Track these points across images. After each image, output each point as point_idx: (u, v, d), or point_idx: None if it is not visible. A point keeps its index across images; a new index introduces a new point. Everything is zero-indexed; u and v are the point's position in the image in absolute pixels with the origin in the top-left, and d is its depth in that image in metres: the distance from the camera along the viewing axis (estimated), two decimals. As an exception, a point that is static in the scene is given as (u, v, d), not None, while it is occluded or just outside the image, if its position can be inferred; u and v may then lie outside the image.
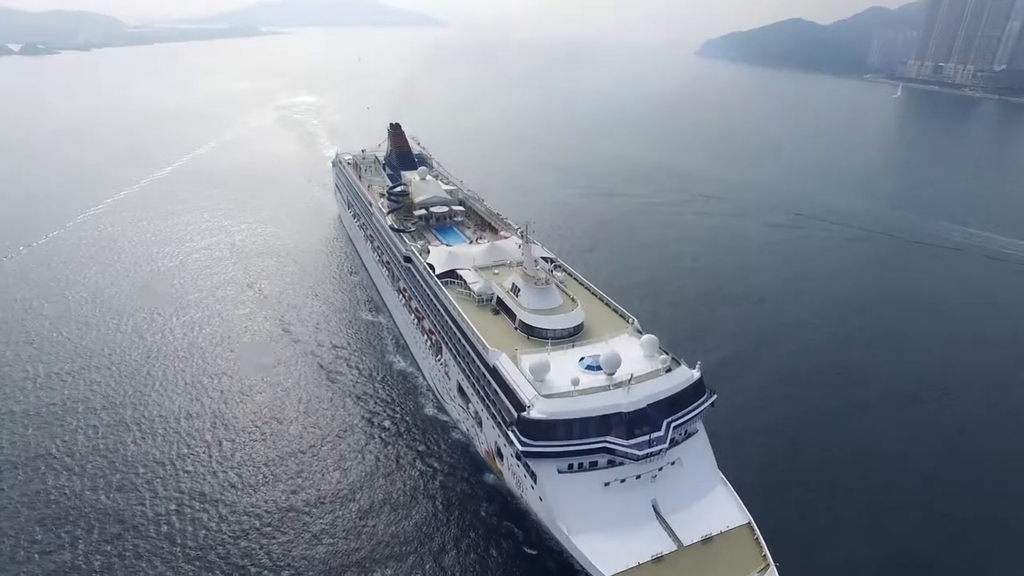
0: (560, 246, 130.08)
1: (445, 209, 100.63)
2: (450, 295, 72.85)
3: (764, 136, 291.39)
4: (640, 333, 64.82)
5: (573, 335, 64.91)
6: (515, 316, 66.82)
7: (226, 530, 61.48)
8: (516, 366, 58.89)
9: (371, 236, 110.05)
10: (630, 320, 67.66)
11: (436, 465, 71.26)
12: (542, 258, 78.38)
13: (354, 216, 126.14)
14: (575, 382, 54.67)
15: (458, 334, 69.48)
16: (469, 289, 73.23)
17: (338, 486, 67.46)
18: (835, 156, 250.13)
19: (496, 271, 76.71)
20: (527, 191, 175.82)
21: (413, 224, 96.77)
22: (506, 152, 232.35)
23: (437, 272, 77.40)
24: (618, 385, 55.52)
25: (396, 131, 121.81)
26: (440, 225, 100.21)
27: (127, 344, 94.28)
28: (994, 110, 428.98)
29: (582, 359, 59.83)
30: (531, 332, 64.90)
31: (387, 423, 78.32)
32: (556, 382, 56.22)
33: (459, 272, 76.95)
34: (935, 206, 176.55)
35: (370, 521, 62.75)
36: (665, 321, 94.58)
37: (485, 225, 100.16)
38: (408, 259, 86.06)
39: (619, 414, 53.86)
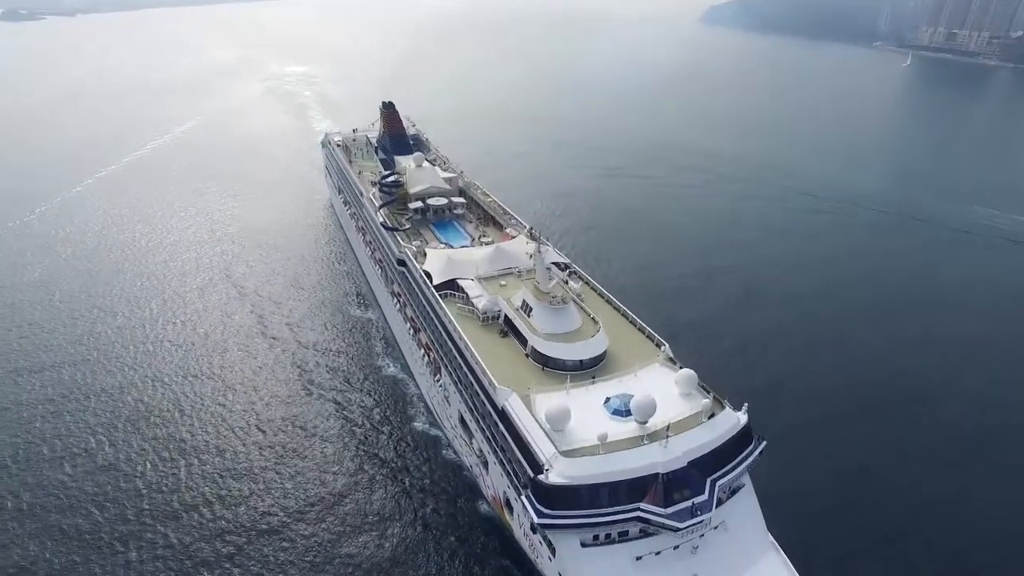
0: (564, 234, 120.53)
1: (444, 201, 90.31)
2: (450, 312, 63.09)
3: (767, 108, 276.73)
4: (673, 363, 55.40)
5: (595, 365, 55.36)
6: (526, 341, 57.16)
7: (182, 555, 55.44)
8: (529, 410, 49.51)
9: (363, 228, 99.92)
10: (661, 346, 57.96)
11: (426, 487, 64.11)
12: (555, 264, 68.81)
13: (345, 203, 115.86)
14: (603, 438, 45.21)
15: (460, 361, 60.03)
16: (472, 305, 63.43)
17: (309, 510, 60.71)
18: (841, 131, 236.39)
19: (503, 282, 66.85)
20: (529, 171, 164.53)
21: (408, 220, 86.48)
22: (506, 127, 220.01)
23: (435, 282, 67.55)
24: (653, 437, 46.26)
25: (389, 111, 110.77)
26: (438, 219, 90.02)
27: (73, 343, 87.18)
28: (1010, 79, 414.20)
29: (608, 400, 50.38)
30: (546, 363, 55.37)
31: (371, 438, 70.91)
32: (578, 434, 46.95)
33: (460, 282, 67.10)
34: (950, 185, 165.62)
35: (343, 548, 56.24)
36: (682, 327, 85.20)
37: (488, 219, 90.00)
38: (402, 263, 76.08)
39: (655, 475, 44.65)
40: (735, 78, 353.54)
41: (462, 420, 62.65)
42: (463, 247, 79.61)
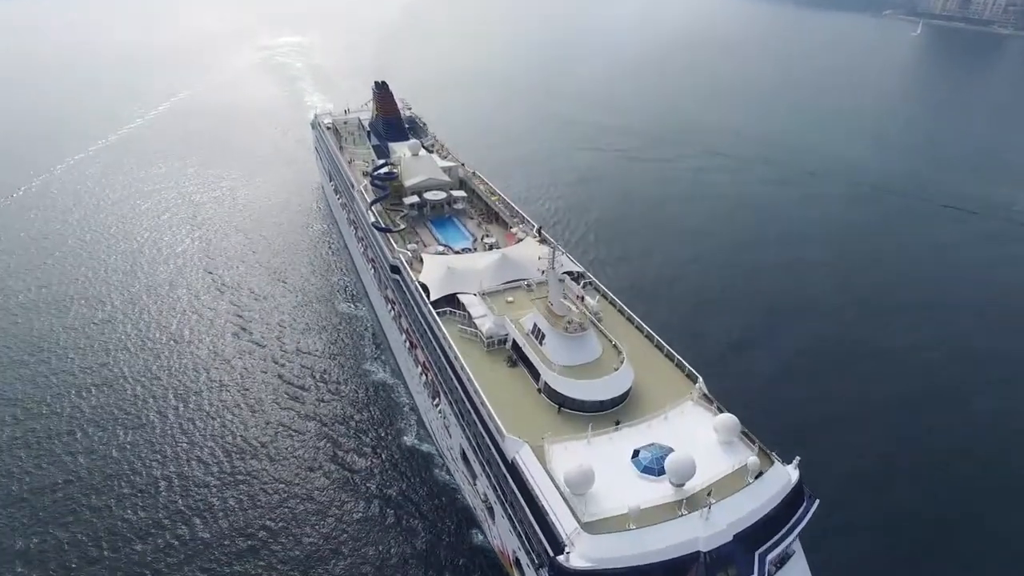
0: (569, 227, 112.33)
1: (442, 195, 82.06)
2: (450, 335, 55.39)
3: (780, 81, 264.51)
4: (709, 402, 47.93)
5: (619, 404, 47.88)
6: (538, 374, 49.58)
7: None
8: (545, 467, 42.13)
9: (354, 222, 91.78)
10: (695, 380, 50.36)
11: (418, 512, 58.78)
12: (568, 274, 61.05)
13: (335, 191, 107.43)
14: (634, 510, 37.87)
15: (462, 395, 52.56)
16: (475, 327, 55.67)
17: (286, 537, 55.62)
18: (849, 104, 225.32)
19: (510, 298, 59.02)
20: (532, 153, 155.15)
21: (402, 218, 78.26)
22: (507, 101, 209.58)
23: (433, 297, 59.72)
24: (692, 504, 39.06)
25: (383, 92, 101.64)
26: (436, 215, 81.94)
27: (18, 345, 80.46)
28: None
29: (636, 454, 42.93)
30: (563, 402, 47.84)
31: (356, 452, 65.73)
32: (603, 499, 39.77)
33: (461, 298, 59.29)
34: (965, 164, 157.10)
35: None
36: (708, 345, 77.83)
37: (491, 215, 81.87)
38: (396, 270, 68.12)
39: (696, 553, 37.46)
40: (744, 48, 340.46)
41: (464, 456, 55.58)
42: (464, 249, 71.98)
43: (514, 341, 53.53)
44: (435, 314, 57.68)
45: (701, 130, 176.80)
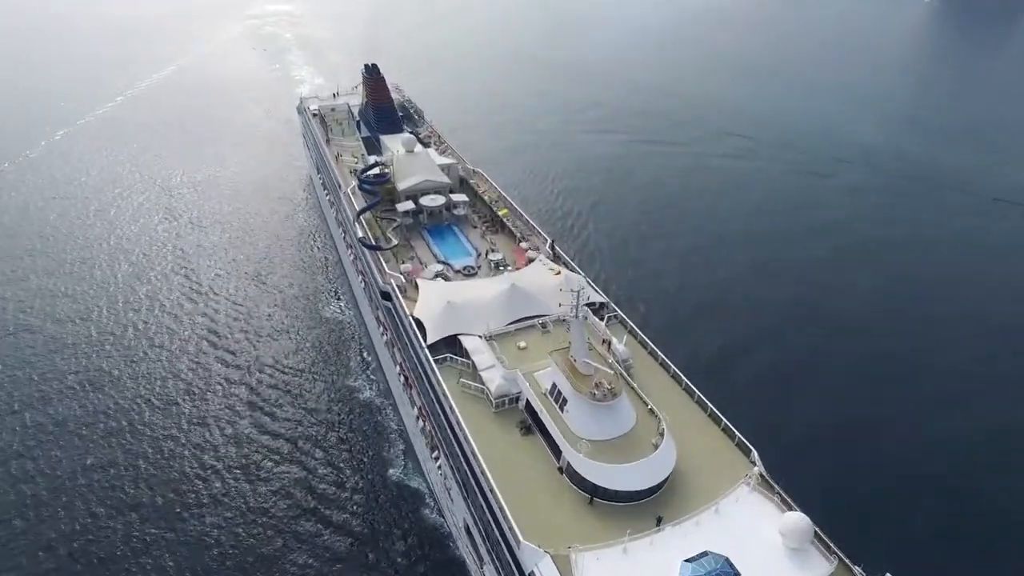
0: (579, 233, 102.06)
1: (441, 201, 71.97)
2: (451, 392, 46.09)
3: (781, 56, 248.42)
4: (770, 488, 38.74)
5: (658, 490, 38.80)
6: (559, 450, 40.41)
7: None
8: (571, 587, 33.18)
9: (342, 223, 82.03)
10: (748, 451, 41.25)
11: (404, 566, 51.56)
12: (589, 307, 51.59)
13: (323, 185, 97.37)
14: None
15: (466, 469, 43.51)
16: (481, 381, 46.27)
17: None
18: (862, 80, 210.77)
19: (522, 342, 49.62)
20: (533, 135, 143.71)
21: (395, 230, 68.25)
22: (506, 80, 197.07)
23: (430, 339, 50.20)
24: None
25: (373, 77, 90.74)
26: (434, 223, 71.97)
27: None
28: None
29: (686, 568, 33.87)
30: (593, 492, 38.68)
31: (333, 489, 58.62)
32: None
33: (463, 340, 49.76)
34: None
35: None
36: (743, 388, 67.42)
37: (496, 221, 71.93)
38: (387, 296, 58.51)
39: None
40: (754, 20, 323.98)
41: (468, 531, 46.78)
42: (466, 267, 62.50)
43: (528, 402, 44.22)
44: (432, 362, 48.25)
45: (715, 110, 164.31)
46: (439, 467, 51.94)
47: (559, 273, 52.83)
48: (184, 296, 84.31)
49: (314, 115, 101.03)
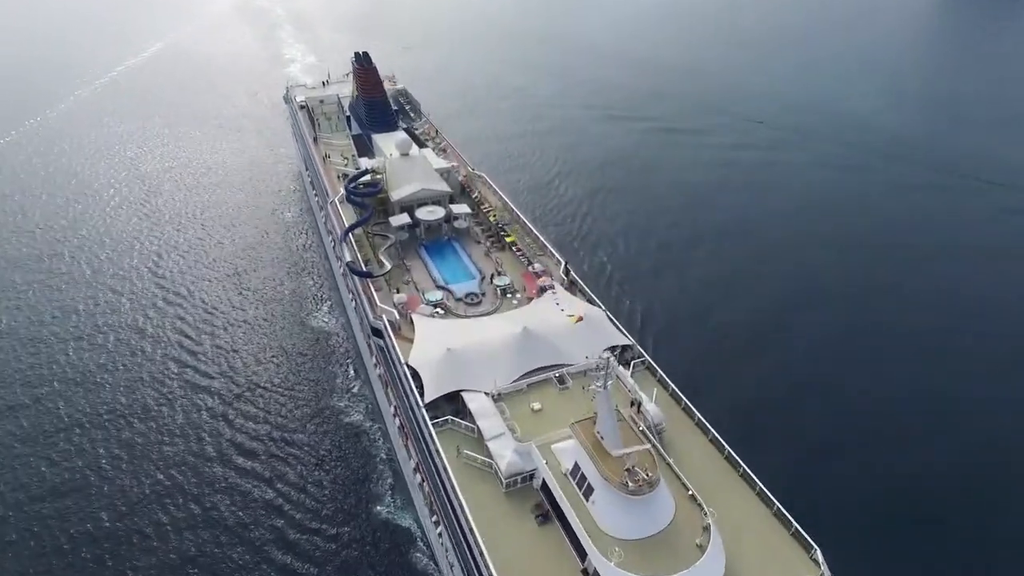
0: (582, 229, 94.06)
1: (440, 213, 64.19)
2: (452, 468, 39.00)
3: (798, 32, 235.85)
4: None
5: None
6: (583, 550, 33.47)
7: None
8: None
9: (332, 231, 74.43)
10: (810, 549, 34.41)
11: None
12: (611, 351, 44.54)
13: (311, 184, 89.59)
14: None
15: (471, 560, 36.69)
16: (487, 454, 39.14)
17: None
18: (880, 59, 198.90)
19: (536, 404, 42.38)
20: (540, 126, 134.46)
21: (387, 250, 60.43)
22: (508, 59, 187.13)
23: (428, 396, 42.94)
24: None
25: (364, 68, 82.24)
26: (432, 238, 64.32)
27: None
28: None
29: None
30: (624, 609, 31.81)
31: (316, 524, 52.24)
32: None
33: (467, 398, 42.49)
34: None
35: None
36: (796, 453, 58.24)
37: (503, 237, 64.21)
38: (378, 333, 51.17)
39: None
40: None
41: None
42: (470, 295, 55.10)
43: (544, 482, 37.17)
44: (431, 427, 41.08)
45: (741, 93, 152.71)
46: (439, 533, 45.18)
47: (580, 320, 45.29)
48: (152, 302, 77.12)
49: (301, 107, 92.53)
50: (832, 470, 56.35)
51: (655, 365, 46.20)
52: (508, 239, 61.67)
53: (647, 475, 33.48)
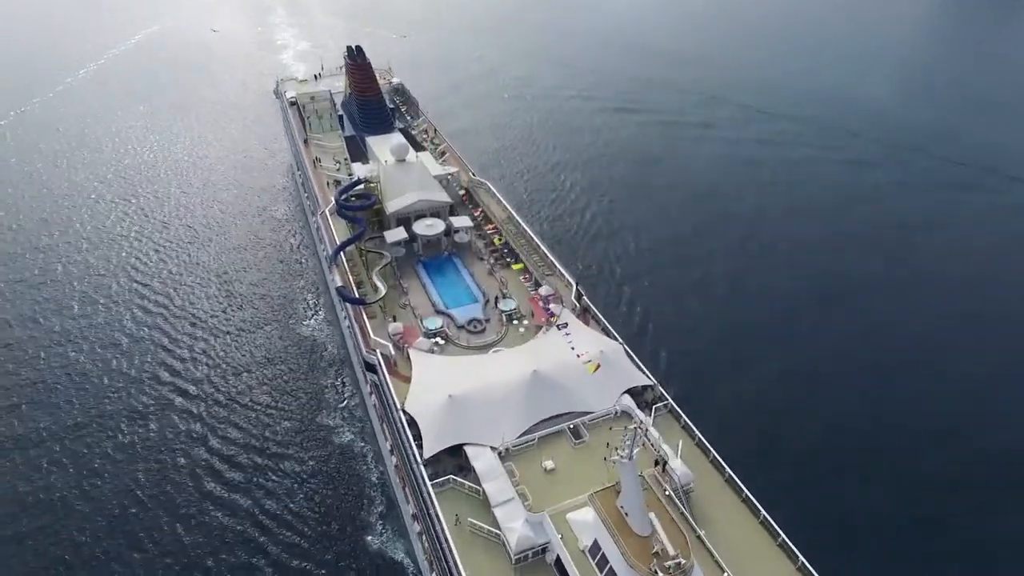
0: (581, 235, 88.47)
1: (440, 227, 59.16)
2: (454, 538, 34.51)
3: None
4: None
5: None
6: (607, 649, 29.14)
7: None
8: None
9: (323, 239, 69.49)
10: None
11: None
12: (628, 393, 40.12)
13: (302, 186, 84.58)
14: None
15: None
16: (494, 523, 34.62)
17: None
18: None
19: (549, 462, 37.88)
20: (547, 120, 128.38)
21: (383, 271, 55.37)
22: (506, 46, 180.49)
23: (427, 452, 38.35)
24: None
25: (358, 63, 76.75)
26: (431, 254, 59.42)
27: None
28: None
29: None
30: None
31: (301, 562, 47.88)
32: None
33: (470, 453, 37.96)
34: None
35: None
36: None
37: (508, 253, 59.27)
38: (372, 369, 46.48)
39: None
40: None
41: None
42: (473, 322, 50.40)
43: (559, 559, 32.74)
44: (430, 487, 36.55)
45: (738, 85, 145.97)
46: None
47: (597, 367, 40.49)
48: (131, 308, 73.01)
49: (291, 104, 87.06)
50: (883, 537, 49.86)
51: (679, 409, 41.58)
52: (515, 266, 56.46)
53: (679, 564, 29.01)
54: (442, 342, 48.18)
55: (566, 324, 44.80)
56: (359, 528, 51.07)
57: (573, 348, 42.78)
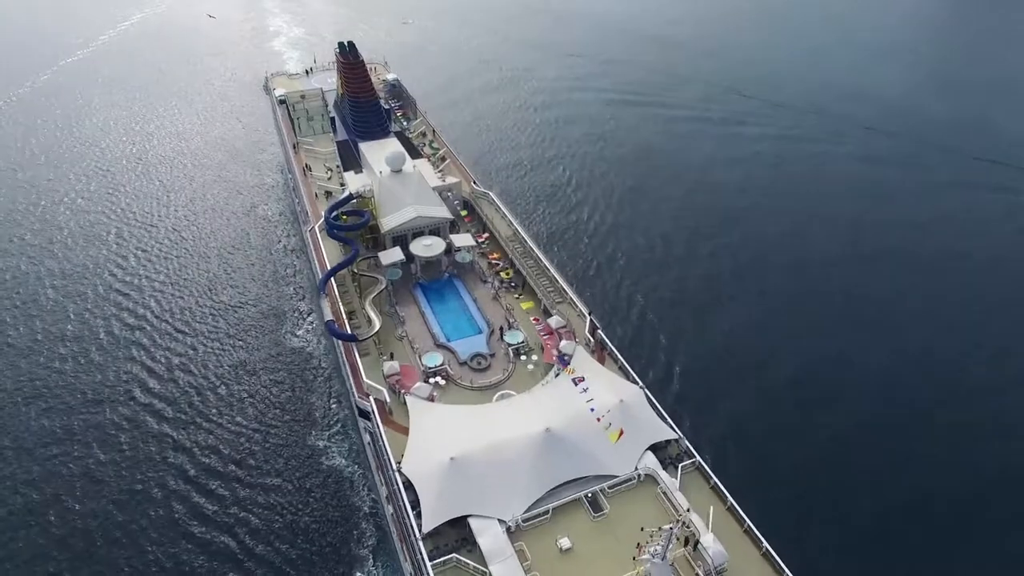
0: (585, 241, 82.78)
1: (440, 248, 54.32)
2: None
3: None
4: None
5: None
6: None
7: None
8: None
9: (313, 248, 64.67)
10: None
11: None
12: (652, 450, 35.85)
13: (294, 191, 79.63)
14: None
15: None
16: None
17: None
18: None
19: (564, 541, 33.44)
20: (553, 117, 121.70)
21: (376, 302, 50.50)
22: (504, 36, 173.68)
23: (426, 525, 33.97)
24: None
25: (350, 61, 71.33)
26: (431, 275, 54.78)
27: None
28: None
29: None
30: None
31: None
32: None
33: (476, 532, 33.64)
34: None
35: None
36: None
37: (515, 279, 54.57)
38: (365, 415, 41.98)
39: None
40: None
41: None
42: (476, 357, 46.02)
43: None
44: (430, 568, 32.21)
45: (741, 74, 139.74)
46: None
47: (620, 435, 35.76)
48: (112, 312, 68.33)
49: (280, 102, 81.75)
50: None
51: (708, 469, 37.13)
52: (524, 306, 51.35)
53: None
54: (442, 382, 43.78)
55: (582, 378, 39.30)
56: (349, 560, 46.94)
57: (590, 402, 37.80)
